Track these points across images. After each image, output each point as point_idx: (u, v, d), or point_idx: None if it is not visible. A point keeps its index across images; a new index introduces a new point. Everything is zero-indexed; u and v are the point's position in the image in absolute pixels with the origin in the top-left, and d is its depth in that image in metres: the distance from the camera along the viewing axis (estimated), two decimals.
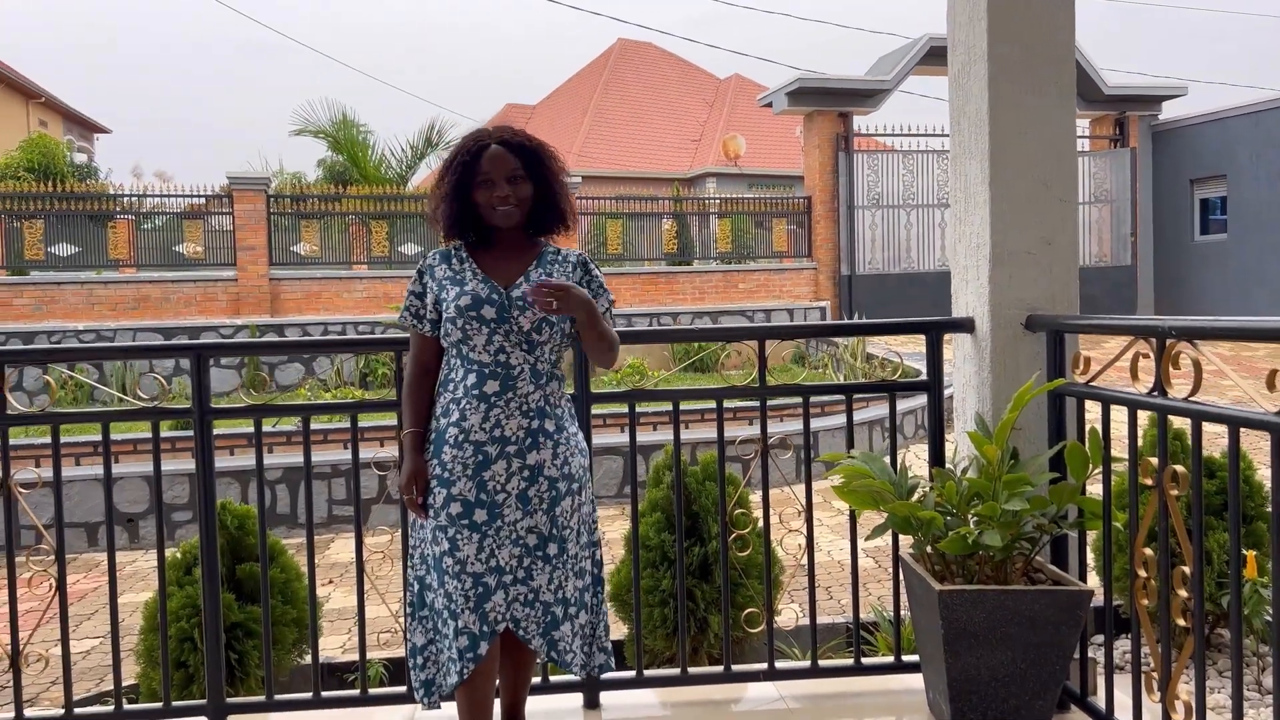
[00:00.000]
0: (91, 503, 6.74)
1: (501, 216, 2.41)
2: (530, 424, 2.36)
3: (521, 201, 2.43)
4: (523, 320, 2.37)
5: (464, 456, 2.33)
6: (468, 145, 2.45)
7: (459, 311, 2.35)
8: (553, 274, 2.46)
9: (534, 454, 2.36)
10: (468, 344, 2.37)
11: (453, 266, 2.46)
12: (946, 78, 3.13)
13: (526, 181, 2.43)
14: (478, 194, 2.41)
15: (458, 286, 2.40)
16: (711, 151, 29.82)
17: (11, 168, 16.90)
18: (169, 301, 13.64)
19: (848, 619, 4.48)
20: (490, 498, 2.34)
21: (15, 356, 2.79)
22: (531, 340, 2.38)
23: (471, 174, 2.41)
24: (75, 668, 4.48)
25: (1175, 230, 17.25)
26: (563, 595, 2.38)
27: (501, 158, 2.41)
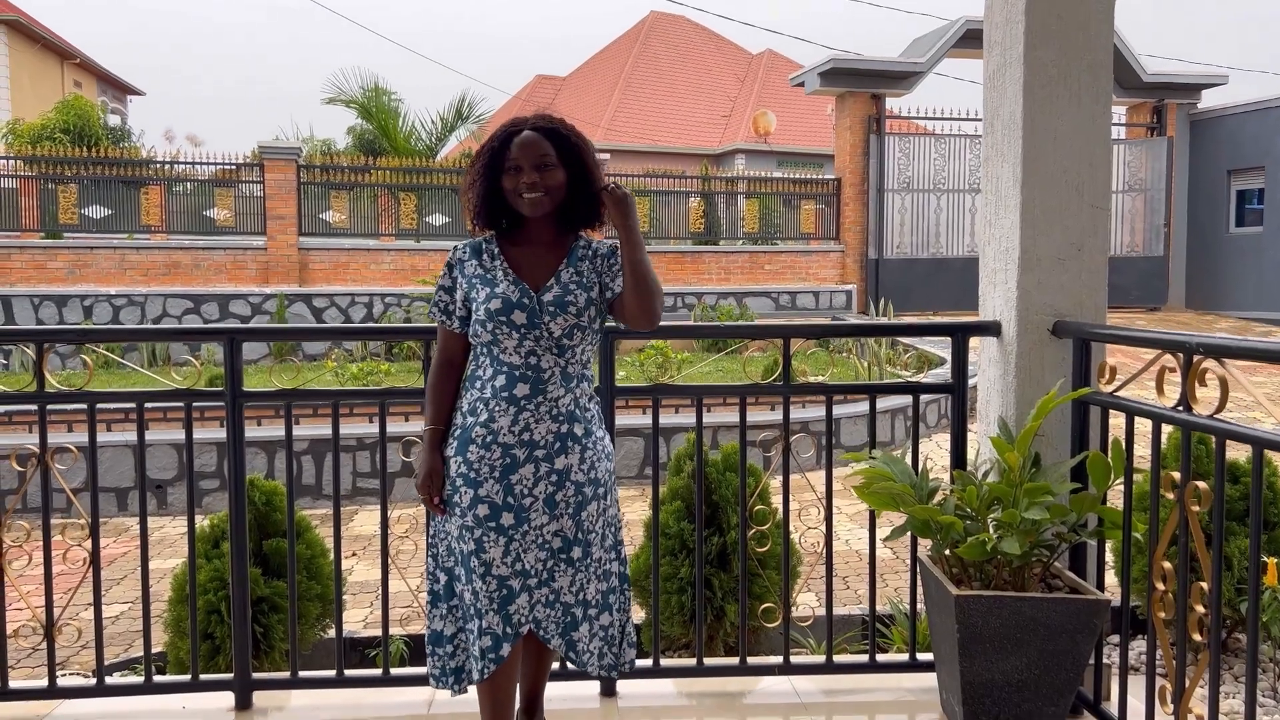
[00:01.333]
0: (122, 468, 6.86)
1: (529, 205, 2.31)
2: (560, 428, 2.32)
3: (552, 190, 2.32)
4: (554, 326, 2.31)
5: (491, 458, 2.30)
6: (500, 131, 2.37)
7: (489, 315, 2.29)
8: (582, 270, 2.39)
9: (562, 458, 2.32)
10: (498, 346, 2.32)
11: (484, 263, 2.39)
12: (982, 63, 3.10)
13: (558, 169, 2.33)
14: (506, 180, 2.33)
15: (488, 288, 2.33)
16: (742, 127, 29.65)
17: (48, 129, 17.09)
18: (199, 268, 13.77)
19: (864, 610, 4.51)
20: (517, 501, 2.30)
21: (54, 336, 2.86)
22: (562, 345, 2.32)
23: (501, 160, 2.33)
24: (105, 632, 4.57)
25: (1210, 221, 17.01)
26: (584, 597, 2.37)
27: (532, 143, 2.31)
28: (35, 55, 26.70)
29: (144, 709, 2.88)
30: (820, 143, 27.05)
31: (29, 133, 17.07)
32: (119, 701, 2.89)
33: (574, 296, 2.33)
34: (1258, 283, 16.13)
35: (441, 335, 2.45)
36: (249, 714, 2.87)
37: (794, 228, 16.50)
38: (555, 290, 2.33)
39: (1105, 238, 2.90)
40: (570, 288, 2.34)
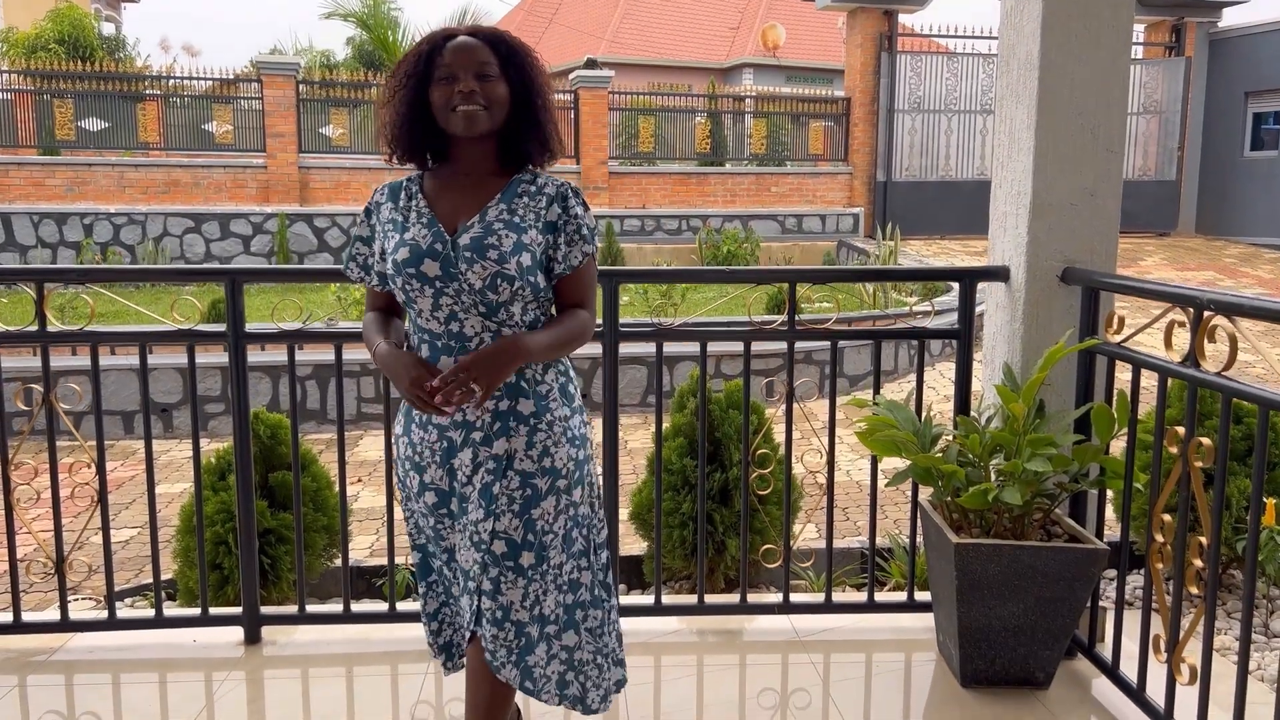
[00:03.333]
0: (127, 391, 6.89)
1: (463, 120, 1.90)
2: (496, 405, 1.95)
3: (493, 105, 1.92)
4: (472, 276, 1.88)
5: (430, 440, 1.99)
6: (432, 36, 1.98)
7: (396, 268, 1.92)
8: (517, 208, 1.95)
9: (502, 442, 1.94)
10: (414, 308, 1.94)
11: (399, 205, 1.99)
12: None
13: (500, 81, 1.94)
14: (436, 91, 1.92)
15: (398, 234, 1.95)
16: (750, 41, 29.00)
17: (41, 38, 16.77)
18: (199, 186, 13.65)
19: (863, 543, 4.56)
20: (459, 490, 1.99)
21: (55, 275, 2.84)
22: (490, 302, 1.90)
23: (429, 69, 1.93)
24: (115, 557, 4.64)
25: (1225, 145, 16.74)
26: (539, 612, 1.97)
27: (470, 48, 1.93)
28: None
29: (155, 642, 2.94)
30: (830, 58, 26.49)
31: (22, 43, 16.75)
32: (130, 635, 2.95)
33: (497, 239, 1.90)
34: (1270, 207, 15.94)
35: (368, 294, 2.11)
36: (258, 648, 2.92)
37: (802, 148, 16.27)
38: (475, 230, 1.91)
39: (1118, 183, 2.85)
40: (495, 227, 1.92)
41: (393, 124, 1.96)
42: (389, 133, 1.97)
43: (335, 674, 2.82)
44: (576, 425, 2.04)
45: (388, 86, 1.97)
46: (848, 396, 7.74)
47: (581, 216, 2.00)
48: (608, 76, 15.36)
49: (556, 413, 2.00)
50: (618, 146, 15.59)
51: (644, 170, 15.37)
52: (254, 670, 2.81)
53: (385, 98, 1.98)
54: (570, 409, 2.04)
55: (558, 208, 1.99)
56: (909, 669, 2.92)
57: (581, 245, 2.00)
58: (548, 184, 2.00)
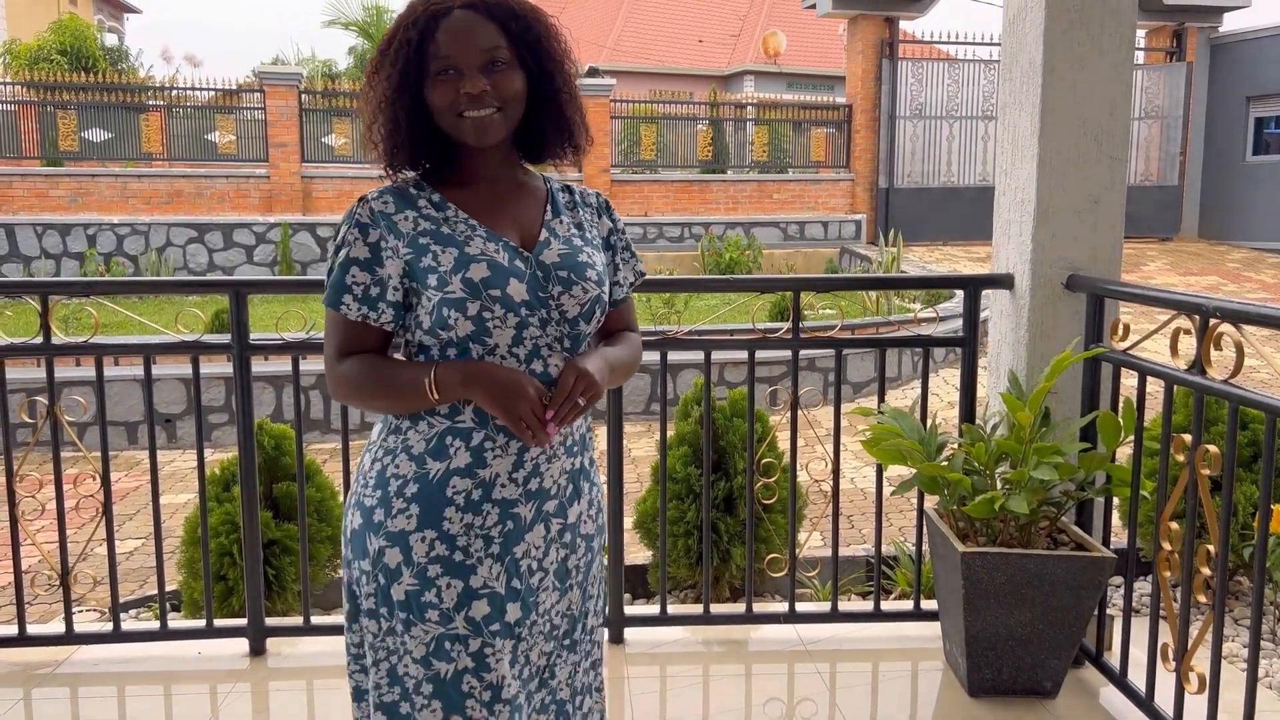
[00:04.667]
0: (131, 401, 6.89)
1: (473, 129, 1.53)
2: (575, 463, 1.63)
3: (508, 103, 1.54)
4: (567, 301, 1.54)
5: (485, 526, 1.52)
6: (417, 12, 1.53)
7: (470, 290, 1.48)
8: (582, 224, 1.66)
9: (575, 506, 1.63)
10: (483, 344, 1.51)
11: (427, 215, 1.56)
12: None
13: (514, 70, 1.54)
14: (434, 92, 1.53)
15: (455, 249, 1.52)
16: (751, 48, 29.07)
17: (44, 50, 16.83)
18: (202, 197, 13.68)
19: (868, 551, 4.55)
20: (524, 583, 1.56)
21: (59, 288, 2.83)
22: (578, 333, 1.57)
23: (423, 59, 1.52)
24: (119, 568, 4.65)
25: (1227, 149, 16.73)
26: (574, 684, 1.70)
27: (472, 30, 1.51)
28: None
29: (159, 654, 2.94)
30: (831, 64, 26.53)
31: (25, 54, 16.81)
32: (134, 648, 2.94)
33: (588, 257, 1.60)
34: (1272, 212, 15.92)
35: (342, 335, 1.56)
36: (263, 659, 2.92)
37: (804, 154, 16.28)
38: (560, 247, 1.58)
39: (1122, 190, 2.85)
40: (576, 244, 1.60)
41: (385, 134, 1.56)
42: (384, 144, 1.57)
43: (340, 686, 2.81)
44: None
45: (370, 82, 1.57)
46: (852, 404, 7.74)
47: (624, 229, 1.76)
48: (609, 85, 15.39)
49: (594, 459, 1.72)
50: (620, 154, 15.61)
51: (646, 178, 15.38)
52: (259, 682, 2.80)
53: (372, 100, 1.57)
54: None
55: (607, 221, 1.72)
56: (916, 678, 2.91)
57: (634, 263, 1.75)
58: (586, 193, 1.72)
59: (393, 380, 1.54)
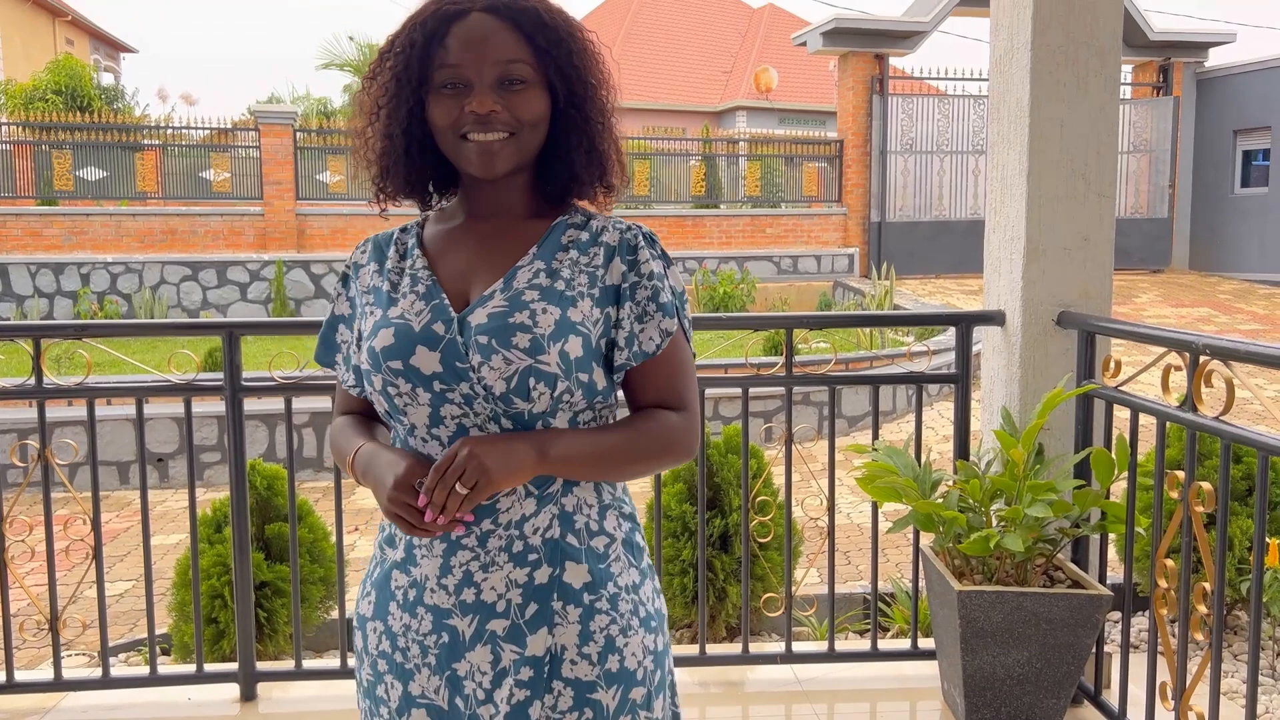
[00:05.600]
0: (123, 441, 6.87)
1: (478, 156, 1.28)
2: (530, 577, 1.27)
3: (523, 127, 1.29)
4: (488, 373, 1.24)
5: (420, 632, 1.30)
6: (427, 11, 1.30)
7: (374, 361, 1.29)
8: (561, 269, 1.32)
9: (541, 634, 1.27)
10: (401, 422, 1.31)
11: (385, 267, 1.37)
12: (988, 19, 3.04)
13: (535, 91, 1.29)
14: (436, 107, 1.29)
15: (380, 309, 1.33)
16: (743, 84, 29.35)
17: (40, 90, 16.93)
18: (196, 235, 13.72)
19: (865, 588, 4.53)
20: (470, 708, 1.29)
21: (52, 331, 2.83)
22: (517, 412, 1.26)
23: (428, 67, 1.28)
24: (109, 611, 4.61)
25: (1215, 182, 16.88)
26: None
27: (488, 37, 1.27)
28: (27, 13, 26.35)
29: (149, 700, 2.90)
30: (822, 100, 26.79)
31: (20, 94, 16.91)
32: (124, 694, 2.91)
33: (529, 315, 1.26)
34: (1262, 244, 16.05)
35: (338, 393, 1.48)
36: (254, 705, 2.88)
37: (796, 189, 16.39)
38: (496, 303, 1.28)
39: (1111, 227, 2.87)
40: (526, 298, 1.28)
41: (376, 156, 1.35)
42: (375, 167, 1.35)
43: None
44: (649, 596, 1.35)
45: (366, 97, 1.35)
46: (848, 437, 7.73)
47: (660, 275, 1.34)
48: None
49: (622, 580, 1.31)
50: None
51: (640, 213, 15.45)
52: None
53: (367, 110, 1.35)
54: (639, 570, 1.35)
55: (621, 264, 1.34)
56: (914, 719, 2.88)
57: (660, 319, 1.33)
58: (606, 229, 1.36)
59: (340, 455, 1.40)
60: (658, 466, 1.37)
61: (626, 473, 1.33)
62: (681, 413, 1.36)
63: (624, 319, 1.33)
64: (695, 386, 1.41)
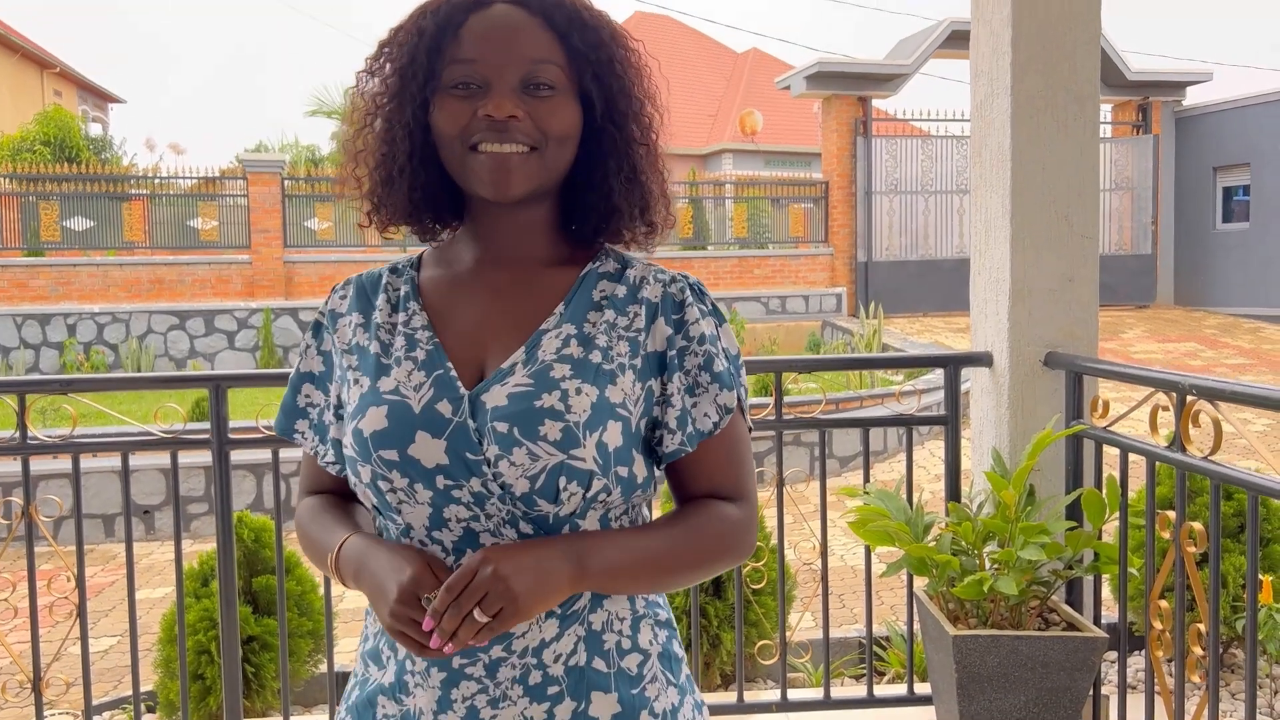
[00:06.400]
0: (108, 494, 6.80)
1: (490, 169, 1.04)
2: (550, 714, 1.05)
3: (549, 141, 1.06)
4: (506, 469, 1.01)
5: None
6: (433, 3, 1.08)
7: (360, 447, 1.05)
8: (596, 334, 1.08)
9: None
10: (393, 521, 1.07)
11: (374, 320, 1.13)
12: (968, 62, 3.07)
13: (567, 100, 1.08)
14: (441, 110, 1.06)
15: (369, 378, 1.08)
16: (728, 127, 29.66)
17: (28, 140, 17.00)
18: (184, 283, 13.70)
19: (860, 632, 4.49)
20: None
21: (37, 387, 2.81)
22: (540, 515, 1.03)
23: (436, 63, 1.06)
24: (94, 667, 4.54)
25: (1197, 218, 17.08)
26: None
27: (515, 31, 1.06)
28: (14, 65, 26.52)
29: None
30: (807, 141, 27.09)
31: (8, 145, 16.97)
32: None
33: (561, 398, 1.03)
34: (1245, 278, 16.20)
35: (304, 468, 1.22)
36: None
37: (783, 229, 16.50)
38: (518, 380, 1.05)
39: (1095, 267, 2.89)
40: (555, 374, 1.05)
41: (380, 163, 1.10)
42: (372, 178, 1.11)
43: None
44: (690, 718, 1.13)
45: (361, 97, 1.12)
46: (839, 478, 7.71)
47: (712, 337, 1.12)
48: None
49: (659, 705, 1.09)
50: None
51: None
52: None
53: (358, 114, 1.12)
54: (678, 688, 1.13)
55: (667, 325, 1.10)
56: None
57: (715, 392, 1.10)
58: (646, 280, 1.13)
59: (315, 545, 1.14)
60: (713, 572, 1.12)
61: (677, 582, 1.10)
62: (740, 503, 1.12)
63: (672, 394, 1.09)
64: (754, 472, 1.15)
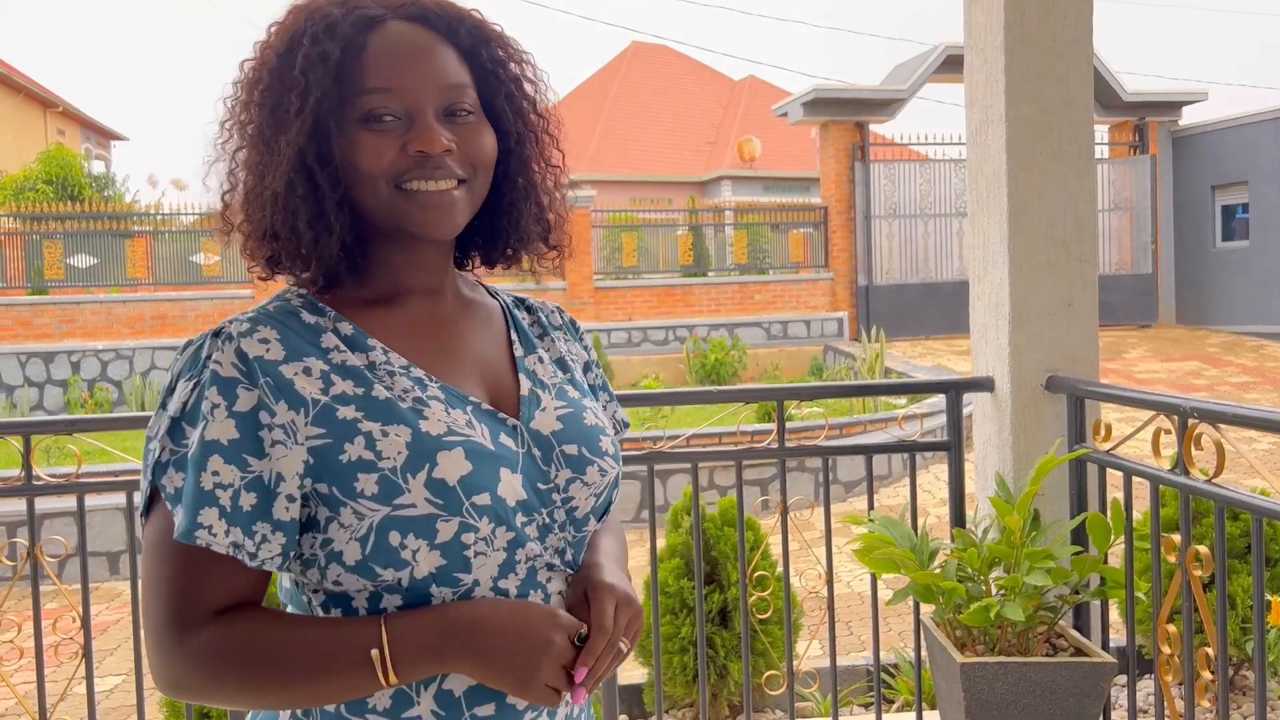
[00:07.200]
0: (113, 531, 6.79)
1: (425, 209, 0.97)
2: None
3: (480, 170, 1.01)
4: (578, 492, 1.03)
5: None
6: (330, 15, 0.97)
7: (446, 500, 0.94)
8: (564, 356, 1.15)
9: None
10: (451, 585, 0.96)
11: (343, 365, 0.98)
12: (963, 86, 3.09)
13: (485, 124, 1.02)
14: (360, 146, 0.96)
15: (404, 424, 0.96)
16: (726, 154, 29.83)
17: (31, 180, 17.12)
18: (186, 319, 13.75)
19: (868, 660, 4.47)
20: None
21: (42, 428, 2.83)
22: (583, 538, 1.05)
23: (340, 87, 0.96)
24: (99, 707, 4.52)
25: (1196, 237, 17.12)
26: None
27: (429, 53, 0.99)
28: (18, 105, 26.75)
29: None
30: (806, 166, 27.23)
31: (12, 184, 17.08)
32: None
33: (591, 414, 1.09)
34: (1246, 296, 16.21)
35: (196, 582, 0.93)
36: None
37: (783, 255, 16.56)
38: (552, 403, 1.07)
39: (1094, 291, 2.90)
40: (571, 393, 1.10)
41: (302, 205, 0.96)
42: (285, 223, 0.97)
43: None
44: None
45: (248, 127, 0.99)
46: (844, 503, 7.70)
47: None
48: (590, 195, 15.71)
49: None
50: (602, 261, 15.84)
51: (629, 283, 15.57)
52: None
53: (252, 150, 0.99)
54: None
55: (579, 344, 1.20)
56: None
57: (614, 407, 1.23)
58: (539, 305, 1.19)
59: (312, 653, 0.93)
60: None
61: None
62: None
63: (603, 403, 1.20)
64: None
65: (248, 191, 0.99)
